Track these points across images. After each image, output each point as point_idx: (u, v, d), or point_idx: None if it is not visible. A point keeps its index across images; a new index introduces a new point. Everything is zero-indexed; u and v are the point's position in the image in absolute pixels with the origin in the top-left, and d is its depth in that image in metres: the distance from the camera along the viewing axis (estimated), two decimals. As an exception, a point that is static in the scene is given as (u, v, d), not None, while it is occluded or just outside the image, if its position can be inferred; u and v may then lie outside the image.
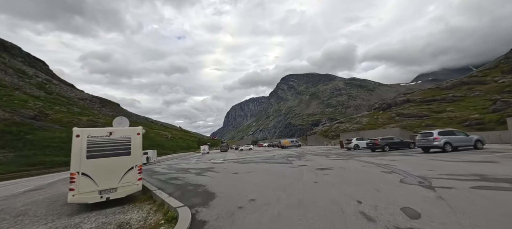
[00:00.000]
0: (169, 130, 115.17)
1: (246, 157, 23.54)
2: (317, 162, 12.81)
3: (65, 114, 64.81)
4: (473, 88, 46.72)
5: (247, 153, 32.36)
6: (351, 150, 23.18)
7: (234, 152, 44.67)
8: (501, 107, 29.88)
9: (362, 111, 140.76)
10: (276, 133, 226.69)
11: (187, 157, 36.95)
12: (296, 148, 39.75)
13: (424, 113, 40.44)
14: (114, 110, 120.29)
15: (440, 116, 34.54)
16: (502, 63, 54.10)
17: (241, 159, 21.19)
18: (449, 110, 37.18)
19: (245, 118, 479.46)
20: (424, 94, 57.61)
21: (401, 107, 53.52)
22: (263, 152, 33.13)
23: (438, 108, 41.23)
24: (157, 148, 61.09)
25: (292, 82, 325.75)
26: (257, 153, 29.68)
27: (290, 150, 33.32)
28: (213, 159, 23.78)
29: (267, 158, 19.92)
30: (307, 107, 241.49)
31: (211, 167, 15.13)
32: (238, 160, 19.58)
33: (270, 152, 31.20)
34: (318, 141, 46.77)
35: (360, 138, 25.53)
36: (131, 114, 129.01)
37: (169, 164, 21.85)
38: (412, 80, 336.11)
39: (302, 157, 17.93)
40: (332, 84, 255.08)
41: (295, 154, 21.69)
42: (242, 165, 14.27)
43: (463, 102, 40.52)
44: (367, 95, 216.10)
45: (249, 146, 50.49)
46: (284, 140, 45.13)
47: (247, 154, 28.68)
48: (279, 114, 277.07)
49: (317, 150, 28.53)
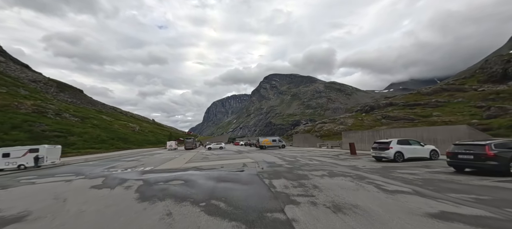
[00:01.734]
0: (139, 122, 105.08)
1: (199, 164, 15.56)
2: (348, 200, 5.53)
3: (3, 95, 53.67)
4: (454, 94, 47.79)
5: (213, 154, 25.81)
6: (386, 162, 12.63)
7: (198, 150, 37.85)
8: (496, 113, 29.61)
9: (339, 114, 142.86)
10: (256, 131, 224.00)
11: (137, 156, 27.67)
12: (279, 149, 31.99)
13: (410, 116, 39.71)
14: (75, 97, 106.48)
15: (430, 119, 33.54)
16: (478, 73, 56.97)
17: (171, 170, 12.74)
18: (435, 114, 36.74)
19: (225, 115, 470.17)
20: (406, 98, 58.35)
21: (384, 110, 53.26)
22: (234, 154, 24.80)
23: (423, 112, 40.88)
24: (118, 142, 53.28)
25: (275, 82, 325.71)
26: (224, 156, 22.04)
27: (272, 153, 23.34)
28: (138, 168, 15.07)
29: (228, 171, 11.35)
30: (288, 107, 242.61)
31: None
32: (147, 179, 10.01)
33: (244, 154, 22.84)
34: (308, 141, 38.44)
35: (405, 141, 13.26)
36: (96, 102, 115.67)
37: (56, 172, 14.64)
38: (385, 88, 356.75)
39: (299, 174, 9.61)
40: (313, 86, 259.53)
41: (282, 164, 13.26)
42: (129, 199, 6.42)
43: (447, 107, 40.62)
44: (345, 99, 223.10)
45: (219, 144, 41.50)
46: (264, 139, 36.37)
47: (206, 158, 19.95)
48: (260, 112, 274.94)
49: (314, 155, 18.89)
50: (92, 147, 42.09)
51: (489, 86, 42.59)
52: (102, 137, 48.71)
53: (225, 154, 24.63)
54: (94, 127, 55.78)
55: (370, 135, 22.32)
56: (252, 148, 41.11)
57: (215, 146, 40.81)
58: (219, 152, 30.66)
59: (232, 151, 30.58)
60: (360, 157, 16.22)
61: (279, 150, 30.56)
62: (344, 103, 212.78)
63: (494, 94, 37.85)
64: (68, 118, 57.76)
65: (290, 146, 40.98)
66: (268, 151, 28.86)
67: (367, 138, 22.27)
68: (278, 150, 30.48)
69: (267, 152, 25.30)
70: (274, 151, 26.97)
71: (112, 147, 46.40)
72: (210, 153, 28.67)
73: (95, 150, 40.50)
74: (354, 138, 23.45)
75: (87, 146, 41.26)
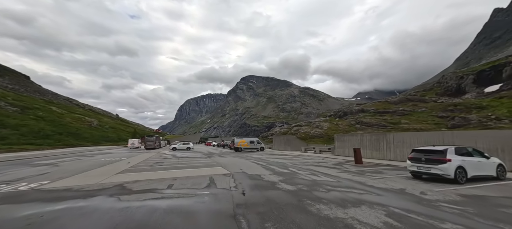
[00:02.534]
0: (99, 116, 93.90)
1: (138, 176, 9.84)
2: None
3: None
4: (417, 104, 52.10)
5: (175, 156, 20.95)
6: (436, 181, 8.67)
7: (159, 151, 31.77)
8: (460, 123, 32.43)
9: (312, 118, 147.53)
10: (230, 132, 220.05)
11: (67, 158, 21.44)
12: (258, 152, 28.39)
13: (382, 123, 41.68)
14: (18, 84, 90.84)
15: (400, 126, 35.30)
16: (436, 87, 63.54)
17: (58, 196, 6.43)
18: (404, 122, 39.17)
19: (199, 114, 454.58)
20: (376, 106, 61.97)
21: (356, 116, 55.65)
22: (202, 157, 20.22)
23: (392, 119, 43.42)
24: (67, 137, 45.63)
25: (252, 83, 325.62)
26: (186, 161, 16.73)
27: (251, 158, 19.14)
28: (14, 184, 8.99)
29: (175, 198, 6.11)
30: (264, 110, 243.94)
31: None
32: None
33: (214, 159, 18.17)
34: (290, 143, 34.59)
35: (464, 150, 9.09)
36: (45, 91, 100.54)
37: None
38: (353, 96, 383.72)
39: (325, 215, 4.60)
40: (289, 90, 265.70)
41: (274, 181, 8.50)
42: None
43: (413, 116, 43.79)
44: (317, 105, 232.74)
45: (187, 144, 36.11)
46: (240, 139, 31.92)
47: (160, 163, 15.10)
48: (235, 113, 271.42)
49: (308, 164, 14.70)
50: (30, 142, 34.98)
51: (446, 99, 47.68)
52: (45, 131, 41.04)
53: (189, 158, 19.42)
54: (37, 119, 47.16)
55: (374, 139, 18.50)
56: (226, 150, 37.05)
57: (181, 146, 35.36)
58: (184, 154, 26.08)
59: (201, 154, 25.40)
60: (380, 171, 11.57)
61: (259, 153, 25.95)
62: (316, 108, 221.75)
63: (452, 105, 42.28)
64: (3, 107, 48.00)
65: (269, 149, 37.05)
66: (245, 154, 24.69)
67: (369, 143, 18.91)
68: (258, 153, 25.87)
69: (245, 156, 20.98)
70: (253, 155, 22.59)
71: (58, 143, 39.37)
72: (171, 155, 24.06)
73: (35, 146, 33.69)
74: (351, 143, 20.51)
75: (24, 141, 34.11)
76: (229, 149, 36.32)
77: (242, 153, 27.67)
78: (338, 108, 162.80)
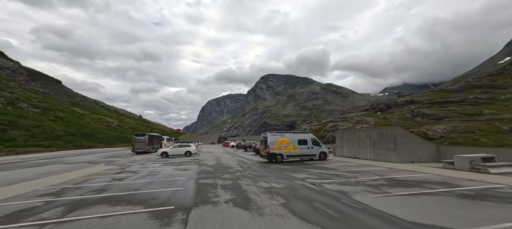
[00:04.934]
0: (121, 117, 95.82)
1: None
2: None
3: None
4: (490, 91, 41.66)
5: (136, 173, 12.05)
6: None
7: (153, 157, 23.47)
8: None
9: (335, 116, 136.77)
10: (251, 131, 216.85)
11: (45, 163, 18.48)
12: (322, 163, 15.81)
13: (454, 114, 33.06)
14: (49, 87, 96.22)
15: (495, 116, 26.70)
16: (508, 70, 52.82)
17: None
18: (487, 112, 30.36)
19: (220, 114, 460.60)
20: (429, 96, 52.32)
21: (406, 108, 46.90)
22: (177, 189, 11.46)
23: (464, 110, 34.02)
24: (80, 138, 44.09)
25: (271, 82, 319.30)
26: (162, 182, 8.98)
27: None
28: None
29: None
30: (284, 108, 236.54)
31: None
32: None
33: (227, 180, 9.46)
34: (399, 146, 15.87)
35: None
36: (75, 94, 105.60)
37: None
38: (379, 92, 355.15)
39: None
40: (310, 87, 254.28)
41: None
42: None
43: (494, 104, 34.08)
44: (340, 101, 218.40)
45: (186, 146, 25.02)
46: (281, 137, 16.63)
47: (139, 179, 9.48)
48: (255, 112, 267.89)
49: None
50: (39, 144, 33.51)
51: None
52: (58, 132, 39.92)
53: (184, 170, 12.57)
54: (55, 120, 46.91)
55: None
56: (248, 155, 24.61)
57: (176, 150, 23.92)
58: (163, 167, 14.65)
59: (190, 170, 12.49)
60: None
61: (329, 172, 11.55)
62: (340, 105, 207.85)
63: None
64: (25, 108, 48.72)
65: (330, 153, 21.48)
66: (303, 175, 10.61)
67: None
68: (329, 172, 11.42)
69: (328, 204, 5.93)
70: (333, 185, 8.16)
71: (68, 144, 37.85)
72: (138, 168, 14.58)
73: (42, 148, 32.01)
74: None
75: (32, 143, 32.65)
76: (253, 154, 25.12)
77: (289, 166, 14.20)
78: (363, 104, 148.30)
